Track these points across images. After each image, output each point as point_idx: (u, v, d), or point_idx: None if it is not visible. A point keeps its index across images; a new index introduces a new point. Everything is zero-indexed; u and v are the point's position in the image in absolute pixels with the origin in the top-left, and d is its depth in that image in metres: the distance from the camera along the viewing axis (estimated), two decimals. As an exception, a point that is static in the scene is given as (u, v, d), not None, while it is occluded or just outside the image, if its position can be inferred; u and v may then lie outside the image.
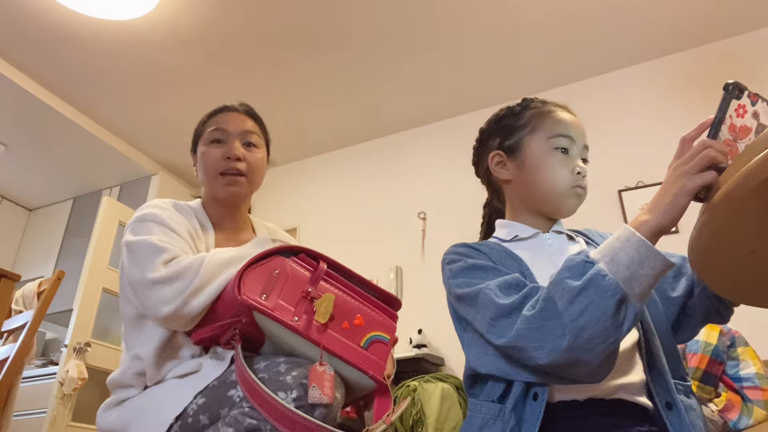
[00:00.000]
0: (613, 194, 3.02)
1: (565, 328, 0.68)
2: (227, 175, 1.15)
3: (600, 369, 0.70)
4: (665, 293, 0.90)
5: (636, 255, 0.67)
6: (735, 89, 0.67)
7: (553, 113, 0.98)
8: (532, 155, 0.96)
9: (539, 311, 0.72)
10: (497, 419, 0.79)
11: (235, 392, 0.86)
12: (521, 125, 1.00)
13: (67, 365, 3.08)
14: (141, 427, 0.92)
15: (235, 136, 1.18)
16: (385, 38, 3.11)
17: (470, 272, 0.87)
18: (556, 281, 0.72)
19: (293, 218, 4.02)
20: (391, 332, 0.99)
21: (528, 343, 0.72)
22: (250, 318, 0.88)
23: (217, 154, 1.16)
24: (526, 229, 0.97)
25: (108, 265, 3.52)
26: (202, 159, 1.18)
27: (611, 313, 0.66)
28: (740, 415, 1.80)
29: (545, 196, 0.95)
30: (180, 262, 0.96)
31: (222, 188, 1.15)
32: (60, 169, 4.15)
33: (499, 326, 0.77)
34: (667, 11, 2.95)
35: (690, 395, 0.82)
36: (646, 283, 0.67)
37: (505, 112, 1.04)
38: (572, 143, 0.95)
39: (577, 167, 0.94)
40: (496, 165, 1.02)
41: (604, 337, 0.67)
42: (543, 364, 0.71)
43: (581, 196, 0.95)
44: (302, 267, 0.97)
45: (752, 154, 0.55)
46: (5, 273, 1.69)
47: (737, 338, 1.92)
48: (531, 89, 3.46)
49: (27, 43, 3.13)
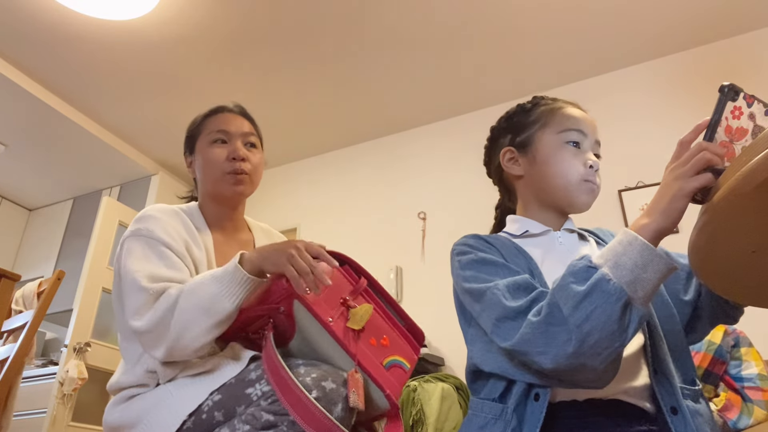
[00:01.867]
0: (613, 194, 3.02)
1: (571, 334, 0.68)
2: (234, 174, 1.16)
3: (604, 374, 0.70)
4: (678, 295, 0.89)
5: (639, 259, 0.67)
6: (730, 91, 0.67)
7: (564, 109, 0.98)
8: (544, 149, 0.96)
9: (544, 317, 0.72)
10: (499, 419, 0.79)
11: (254, 390, 0.86)
12: (532, 121, 0.99)
13: (67, 365, 3.08)
14: (153, 422, 0.91)
15: (237, 137, 1.20)
16: (386, 39, 3.11)
17: (480, 266, 0.87)
18: (560, 286, 0.72)
19: (293, 218, 4.02)
20: (411, 362, 1.01)
21: (532, 348, 0.72)
22: (288, 307, 0.90)
23: (222, 155, 1.17)
24: (537, 225, 0.96)
25: (108, 265, 3.52)
26: (203, 159, 1.19)
27: (616, 318, 0.66)
28: (740, 415, 1.80)
29: (557, 189, 0.94)
30: (157, 309, 0.94)
31: (229, 187, 1.17)
32: (60, 169, 4.15)
33: (504, 328, 0.77)
34: (667, 11, 2.95)
35: (699, 400, 0.81)
36: (650, 287, 0.67)
37: (516, 109, 1.04)
38: (583, 137, 0.95)
39: (590, 160, 0.93)
40: (508, 161, 1.01)
41: (609, 342, 0.67)
42: (547, 369, 0.71)
43: (594, 191, 0.94)
44: (345, 277, 1.00)
45: (751, 155, 0.55)
46: (5, 273, 1.69)
47: (741, 338, 1.92)
48: (531, 89, 3.46)
49: (27, 43, 3.13)
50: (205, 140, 1.21)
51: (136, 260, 1.01)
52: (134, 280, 0.98)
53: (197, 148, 1.23)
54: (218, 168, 1.17)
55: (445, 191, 3.55)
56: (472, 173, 3.43)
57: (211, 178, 1.18)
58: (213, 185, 1.18)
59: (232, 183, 1.17)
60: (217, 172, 1.17)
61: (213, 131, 1.20)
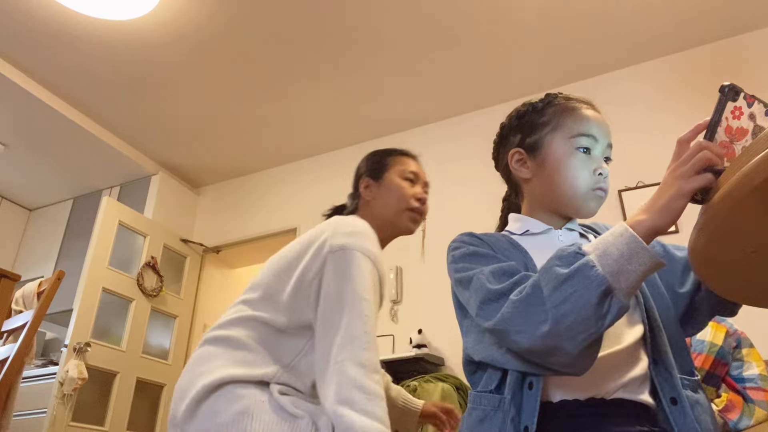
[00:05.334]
0: (613, 194, 3.02)
1: (547, 314, 0.69)
2: (417, 213, 1.32)
3: (580, 359, 0.71)
4: (673, 288, 0.89)
5: (626, 250, 0.68)
6: (731, 91, 0.67)
7: (577, 110, 0.96)
8: (553, 155, 0.94)
9: (525, 296, 0.73)
10: (497, 410, 0.79)
11: None
12: (543, 123, 0.97)
13: (67, 365, 3.08)
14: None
15: (423, 185, 1.38)
16: (386, 40, 3.11)
17: (470, 258, 0.89)
18: (545, 268, 0.74)
19: (293, 218, 4.02)
20: None
21: (511, 326, 0.73)
22: None
23: (411, 192, 1.32)
24: (538, 225, 0.97)
25: (108, 265, 3.53)
26: (394, 188, 1.32)
27: (594, 304, 0.67)
28: (741, 416, 1.80)
29: (565, 197, 0.93)
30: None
31: (407, 222, 1.31)
32: (60, 169, 4.15)
33: (487, 309, 0.78)
34: (667, 11, 2.95)
35: (698, 390, 0.82)
36: (634, 279, 0.68)
37: (527, 108, 1.02)
38: (595, 143, 0.93)
39: (599, 168, 0.92)
40: (516, 163, 1.00)
41: (584, 327, 0.68)
42: (524, 348, 0.73)
43: (601, 198, 0.93)
44: None
45: (751, 155, 0.55)
46: (5, 273, 1.69)
47: (743, 339, 1.92)
48: (531, 89, 3.46)
49: (27, 43, 3.13)
50: (396, 172, 1.34)
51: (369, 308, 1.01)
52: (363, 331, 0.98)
53: (386, 176, 1.34)
54: (405, 201, 1.30)
55: (446, 192, 3.55)
56: (472, 174, 3.43)
57: (395, 208, 1.30)
58: (395, 215, 1.30)
59: (412, 220, 1.31)
60: (403, 204, 1.30)
61: (407, 170, 1.35)
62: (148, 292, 3.70)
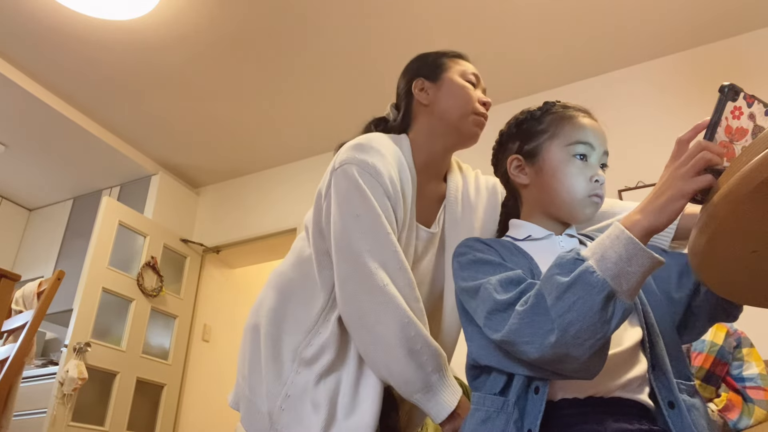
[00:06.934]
0: (613, 194, 3.01)
1: (553, 324, 0.70)
2: (482, 117, 1.18)
3: (590, 364, 0.71)
4: (669, 294, 0.90)
5: (624, 252, 0.68)
6: (731, 91, 0.67)
7: (574, 118, 0.98)
8: (551, 162, 0.96)
9: (530, 306, 0.73)
10: (501, 412, 0.80)
11: None
12: (541, 130, 1.00)
13: (67, 365, 3.08)
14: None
15: (483, 90, 1.24)
16: (386, 39, 3.11)
17: (477, 266, 0.89)
18: (546, 277, 0.74)
19: (293, 218, 4.02)
20: None
21: (519, 338, 0.74)
22: None
23: (475, 95, 1.19)
24: (539, 230, 0.98)
25: (108, 265, 3.52)
26: (456, 90, 1.19)
27: (598, 309, 0.67)
28: (740, 415, 1.81)
29: (562, 203, 0.95)
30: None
31: (473, 127, 1.18)
32: (60, 169, 4.15)
33: (494, 320, 0.79)
34: (667, 11, 2.95)
35: (694, 394, 0.83)
36: (635, 280, 0.68)
37: (526, 115, 1.05)
38: (591, 150, 0.95)
39: (596, 175, 0.94)
40: (515, 169, 1.02)
41: (591, 333, 0.68)
42: (534, 358, 0.73)
43: (597, 204, 0.95)
44: None
45: (751, 155, 0.55)
46: (5, 273, 1.69)
47: (743, 339, 1.92)
48: (530, 89, 3.46)
49: (27, 43, 3.13)
50: (457, 72, 1.21)
51: (363, 237, 1.02)
52: (385, 244, 1.02)
53: (445, 77, 1.21)
54: (470, 104, 1.18)
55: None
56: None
57: (461, 111, 1.17)
58: (460, 119, 1.17)
59: (478, 125, 1.18)
60: (467, 107, 1.17)
61: (468, 72, 1.22)
62: (148, 292, 3.70)
